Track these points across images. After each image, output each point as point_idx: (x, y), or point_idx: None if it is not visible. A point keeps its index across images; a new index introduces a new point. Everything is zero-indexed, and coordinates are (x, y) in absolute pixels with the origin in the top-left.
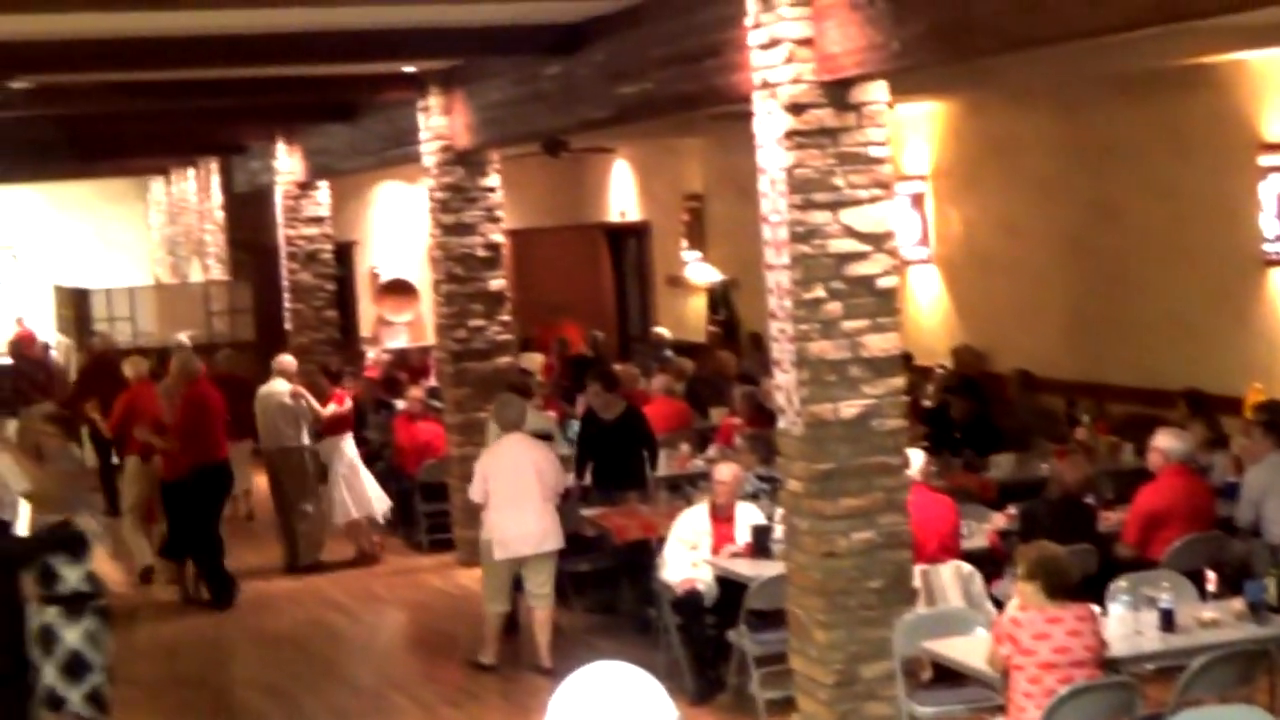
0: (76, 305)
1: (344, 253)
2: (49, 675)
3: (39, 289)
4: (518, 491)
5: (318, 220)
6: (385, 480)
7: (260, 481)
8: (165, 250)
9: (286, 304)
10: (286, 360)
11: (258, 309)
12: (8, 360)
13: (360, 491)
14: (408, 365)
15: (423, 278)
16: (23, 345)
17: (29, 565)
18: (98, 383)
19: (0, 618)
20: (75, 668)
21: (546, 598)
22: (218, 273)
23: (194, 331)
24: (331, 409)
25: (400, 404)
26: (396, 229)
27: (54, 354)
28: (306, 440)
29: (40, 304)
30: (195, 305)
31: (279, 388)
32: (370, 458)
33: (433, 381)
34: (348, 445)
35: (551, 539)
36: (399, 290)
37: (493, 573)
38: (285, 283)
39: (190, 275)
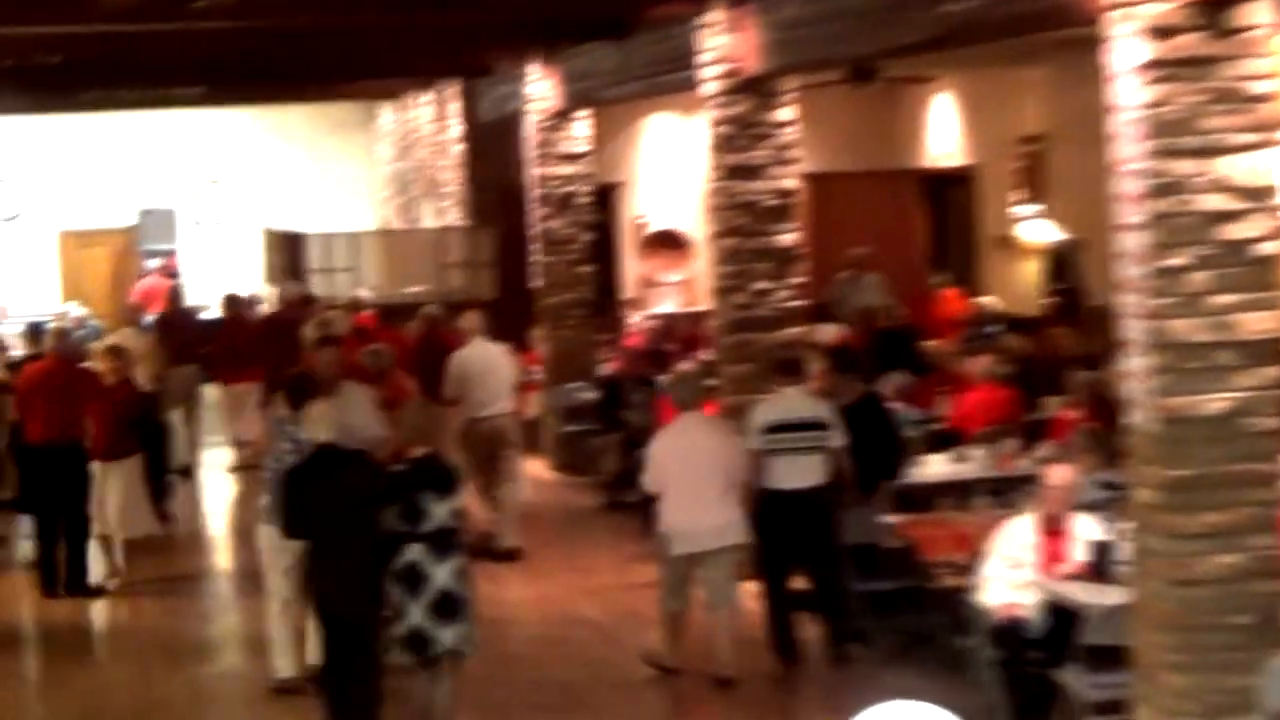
0: (288, 251)
1: (605, 197)
2: (416, 615)
3: (246, 229)
4: (696, 479)
5: (575, 157)
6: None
7: None
8: (393, 189)
9: (534, 257)
10: (476, 317)
11: (500, 262)
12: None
13: None
14: (676, 334)
15: (699, 229)
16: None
17: (396, 500)
18: (274, 345)
19: (362, 556)
20: (445, 606)
21: (728, 598)
22: (454, 218)
23: (425, 286)
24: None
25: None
26: (669, 170)
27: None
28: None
29: (247, 248)
30: (426, 255)
31: (492, 348)
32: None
33: (706, 354)
34: None
35: (732, 532)
36: (669, 244)
37: (669, 568)
38: (534, 231)
39: (422, 220)
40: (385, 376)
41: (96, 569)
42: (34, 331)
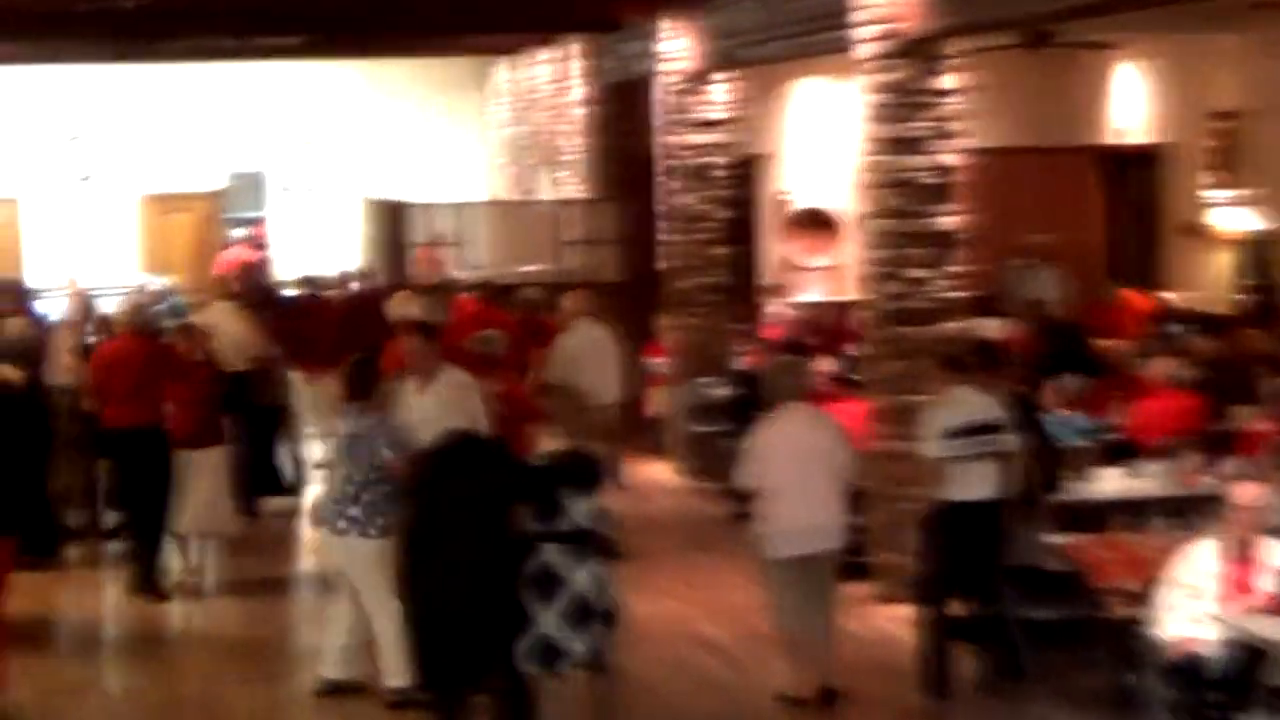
0: (389, 223)
1: (745, 170)
2: (548, 623)
3: (343, 197)
4: (800, 475)
5: (712, 125)
6: None
7: None
8: (507, 157)
9: (664, 235)
10: (582, 297)
11: (625, 240)
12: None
13: None
14: (821, 326)
15: (849, 209)
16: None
17: (533, 497)
18: (360, 331)
19: (493, 556)
20: (580, 614)
21: (829, 608)
22: (575, 190)
23: (540, 265)
24: None
25: None
26: (818, 141)
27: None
28: None
29: (343, 218)
30: (542, 231)
31: (599, 331)
32: None
33: (854, 349)
34: None
35: (835, 535)
36: (816, 225)
37: (771, 575)
38: (664, 207)
39: (538, 191)
40: (500, 364)
41: (172, 568)
42: None
